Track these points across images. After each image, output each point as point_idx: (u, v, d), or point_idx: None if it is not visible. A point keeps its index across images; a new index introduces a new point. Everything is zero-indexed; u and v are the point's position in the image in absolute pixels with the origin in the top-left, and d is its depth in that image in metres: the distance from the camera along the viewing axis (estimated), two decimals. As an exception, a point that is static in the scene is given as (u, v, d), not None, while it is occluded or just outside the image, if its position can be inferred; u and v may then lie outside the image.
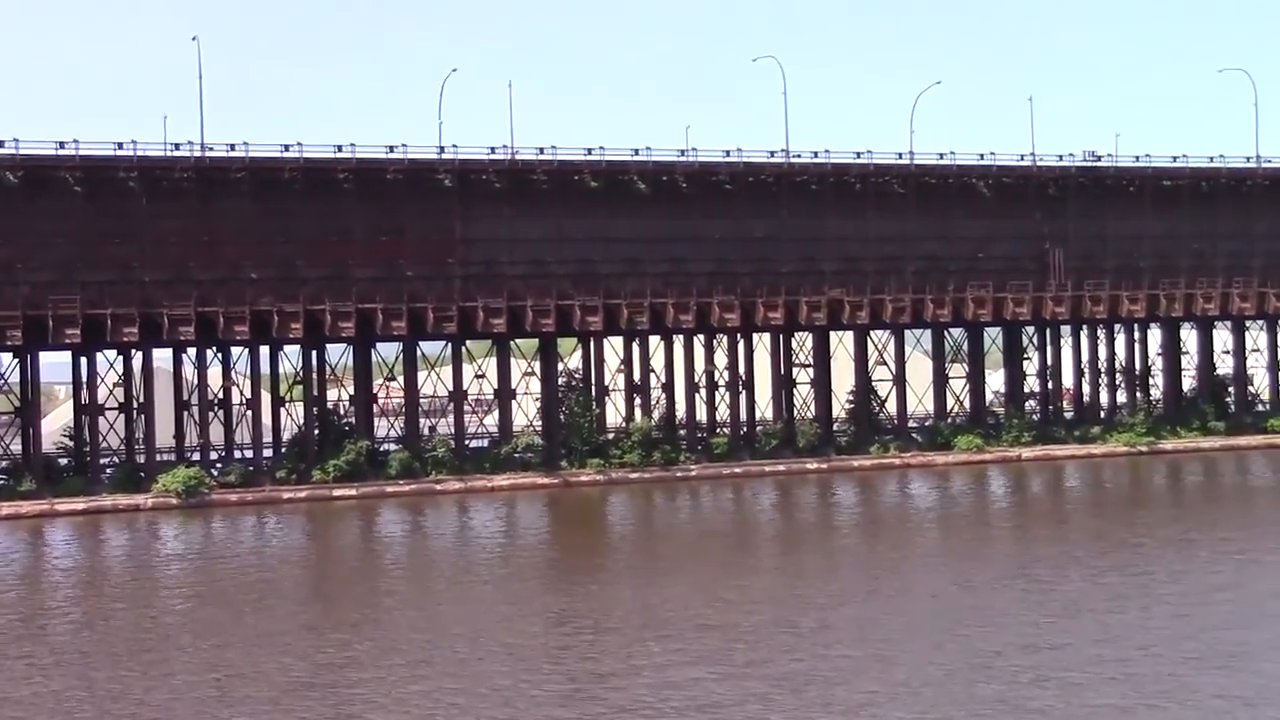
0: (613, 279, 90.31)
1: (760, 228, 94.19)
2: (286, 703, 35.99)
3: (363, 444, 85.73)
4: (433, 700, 35.85)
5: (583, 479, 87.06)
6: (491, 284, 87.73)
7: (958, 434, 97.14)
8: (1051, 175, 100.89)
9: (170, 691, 37.57)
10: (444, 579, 55.77)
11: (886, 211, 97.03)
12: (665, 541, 66.57)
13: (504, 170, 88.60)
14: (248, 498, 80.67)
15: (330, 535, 70.31)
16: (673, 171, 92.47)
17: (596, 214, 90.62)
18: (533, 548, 64.96)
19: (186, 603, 51.64)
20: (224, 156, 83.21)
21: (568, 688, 36.75)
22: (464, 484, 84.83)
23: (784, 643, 41.03)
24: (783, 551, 61.81)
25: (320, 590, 54.99)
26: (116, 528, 72.49)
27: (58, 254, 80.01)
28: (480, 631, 43.81)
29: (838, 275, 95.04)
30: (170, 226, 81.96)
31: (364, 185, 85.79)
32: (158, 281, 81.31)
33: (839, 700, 34.74)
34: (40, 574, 61.27)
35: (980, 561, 55.39)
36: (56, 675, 39.80)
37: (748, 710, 34.08)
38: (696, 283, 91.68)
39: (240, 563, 61.76)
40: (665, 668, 38.38)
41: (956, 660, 38.39)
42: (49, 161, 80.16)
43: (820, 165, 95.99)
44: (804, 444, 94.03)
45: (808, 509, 76.43)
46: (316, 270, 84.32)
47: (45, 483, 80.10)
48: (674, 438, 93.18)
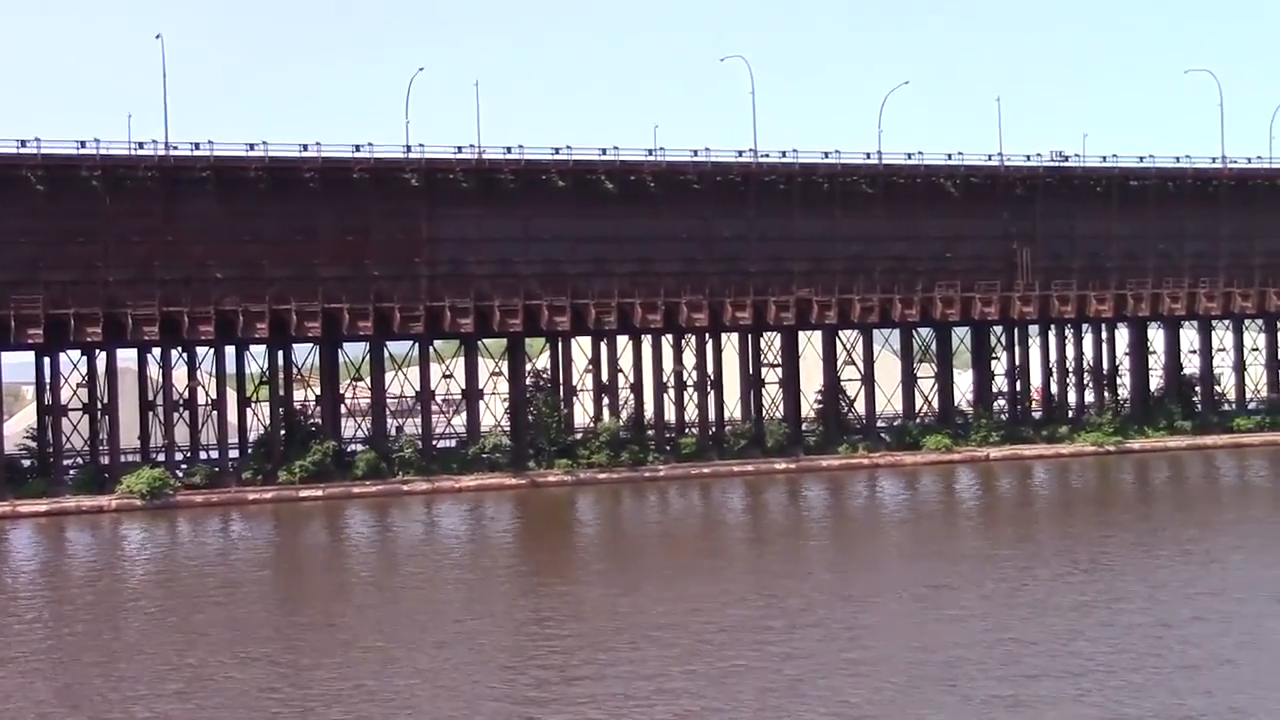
0: (580, 279, 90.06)
1: (728, 227, 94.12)
2: (246, 705, 35.66)
3: (329, 444, 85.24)
4: (390, 704, 35.56)
5: (550, 479, 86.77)
6: (459, 284, 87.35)
7: (926, 434, 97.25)
8: (1019, 175, 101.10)
9: (130, 695, 37.19)
10: (411, 581, 55.38)
11: (854, 211, 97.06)
12: (633, 543, 66.38)
13: (471, 170, 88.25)
14: (213, 499, 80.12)
15: (297, 537, 69.88)
16: (640, 171, 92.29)
17: (564, 214, 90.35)
18: (500, 549, 64.65)
19: (150, 605, 51.18)
20: (188, 155, 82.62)
21: (530, 692, 36.50)
22: (431, 484, 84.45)
23: (751, 644, 40.87)
24: (751, 553, 61.63)
25: (285, 593, 54.56)
26: (79, 529, 71.87)
27: (20, 253, 79.30)
28: (443, 634, 43.52)
29: (806, 275, 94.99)
30: (134, 226, 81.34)
31: (330, 184, 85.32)
32: (121, 281, 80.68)
33: (815, 700, 34.62)
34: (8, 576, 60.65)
35: (947, 561, 55.32)
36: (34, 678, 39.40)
37: (715, 713, 33.93)
38: (664, 283, 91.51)
39: (205, 565, 61.26)
40: (632, 670, 38.15)
41: (926, 664, 38.30)
42: (11, 160, 79.37)
43: (788, 165, 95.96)
44: (772, 444, 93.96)
45: (776, 510, 76.34)
46: (282, 270, 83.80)
47: (7, 484, 79.35)
48: (642, 438, 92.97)
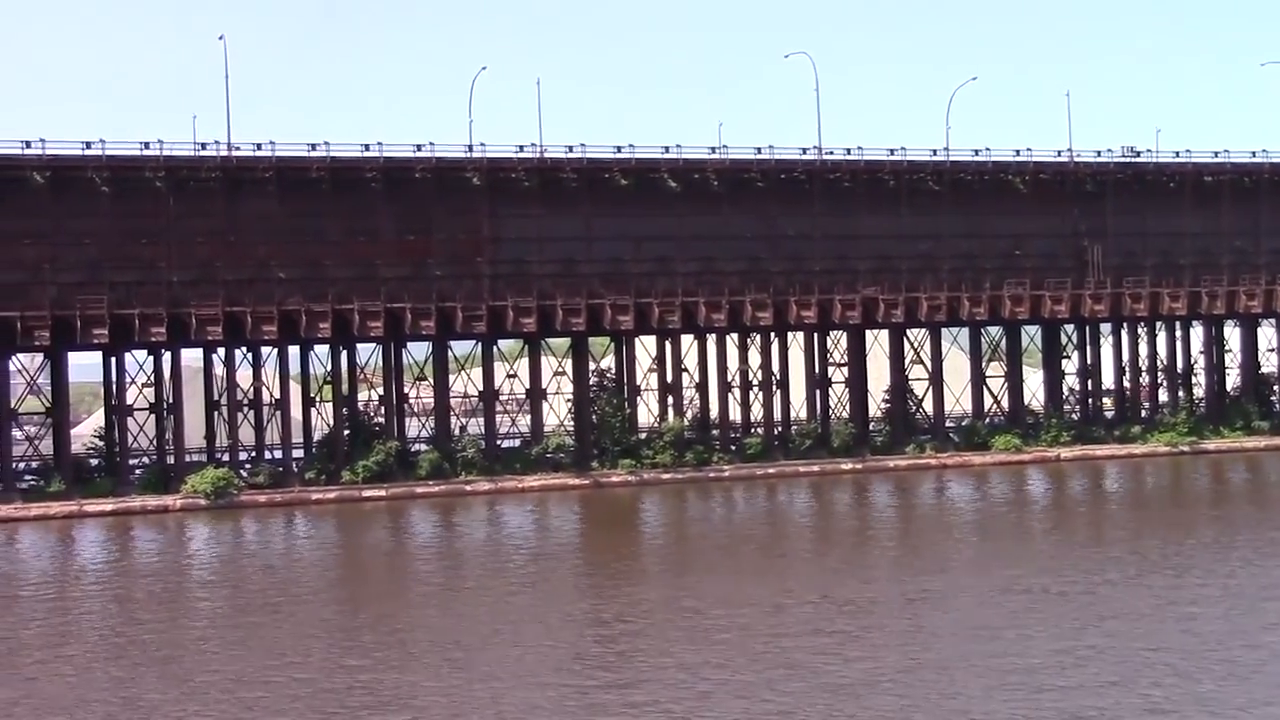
0: (643, 278, 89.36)
1: (793, 225, 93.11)
2: (308, 705, 35.18)
3: (392, 445, 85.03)
4: (457, 703, 34.94)
5: (614, 480, 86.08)
6: (521, 283, 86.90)
7: (995, 434, 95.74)
8: (1089, 171, 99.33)
9: (189, 697, 36.81)
10: (475, 581, 54.77)
11: (921, 209, 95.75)
12: (698, 544, 65.44)
13: (533, 168, 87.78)
14: (276, 498, 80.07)
15: (362, 537, 69.47)
16: (704, 169, 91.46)
17: (627, 212, 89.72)
18: (564, 550, 63.87)
19: (214, 605, 50.95)
20: (251, 156, 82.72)
21: (597, 695, 35.75)
22: (494, 485, 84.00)
23: (816, 647, 39.94)
24: (819, 554, 60.53)
25: (351, 593, 54.09)
26: (145, 529, 71.90)
27: (85, 254, 79.72)
28: (508, 635, 42.86)
29: (872, 273, 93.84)
30: (197, 226, 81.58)
31: (392, 184, 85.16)
32: (185, 281, 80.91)
33: (873, 707, 33.66)
34: (66, 574, 60.67)
35: (1020, 565, 54.03)
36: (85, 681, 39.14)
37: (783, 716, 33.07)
38: (728, 281, 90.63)
39: (270, 564, 61.05)
40: (693, 673, 37.33)
41: (1001, 672, 37.21)
42: (76, 162, 79.87)
43: (853, 162, 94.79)
44: (838, 444, 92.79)
45: (844, 510, 75.18)
46: (344, 270, 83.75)
47: (75, 484, 79.72)
48: (707, 438, 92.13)
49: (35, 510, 76.49)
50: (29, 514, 76.17)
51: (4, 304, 77.51)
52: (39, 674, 39.90)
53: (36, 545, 68.15)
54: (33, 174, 78.95)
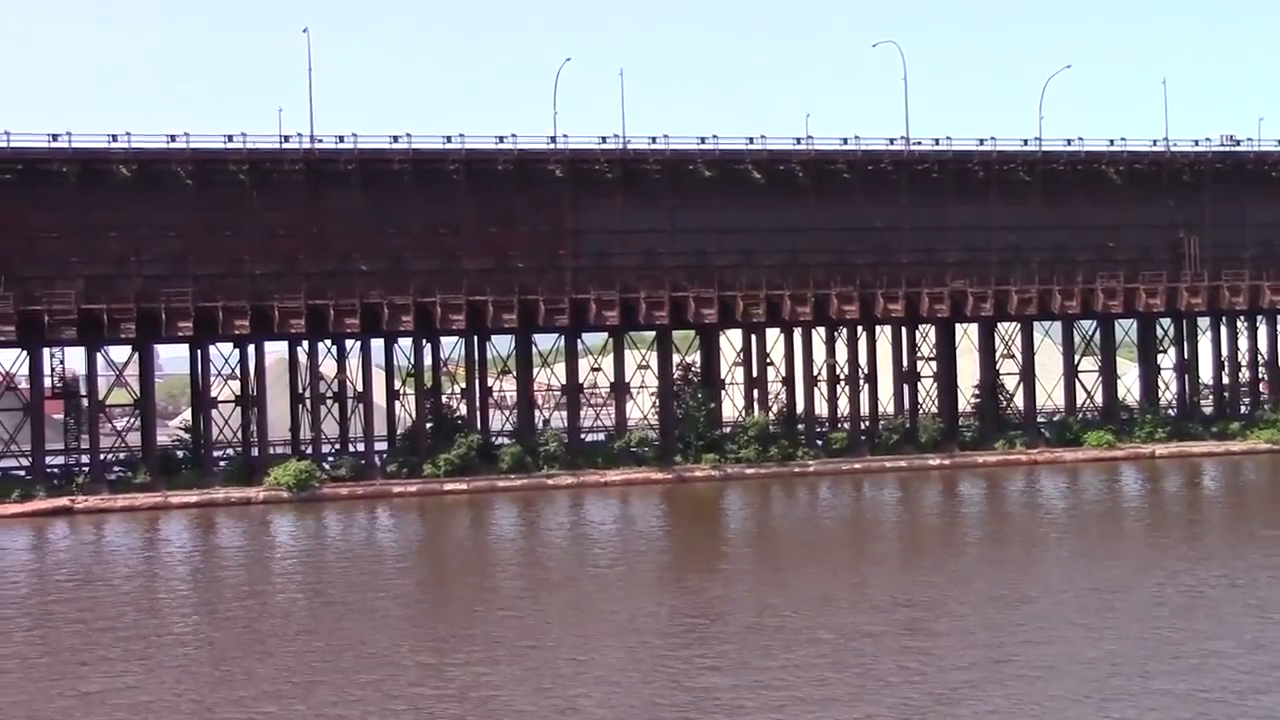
0: (728, 270, 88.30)
1: (879, 217, 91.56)
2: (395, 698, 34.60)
3: (473, 438, 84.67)
4: (540, 702, 34.17)
5: (697, 474, 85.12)
6: (604, 276, 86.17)
7: (1088, 430, 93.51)
8: (1186, 161, 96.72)
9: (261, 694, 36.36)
10: (559, 576, 54.00)
11: (1011, 200, 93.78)
12: (784, 540, 64.19)
13: (615, 160, 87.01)
14: (358, 491, 79.98)
15: (446, 530, 69.06)
16: (789, 160, 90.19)
17: (711, 204, 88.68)
18: (648, 545, 62.85)
19: (301, 596, 50.66)
20: (333, 149, 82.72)
21: (684, 696, 34.84)
22: (576, 479, 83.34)
23: (902, 648, 38.73)
24: (907, 551, 59.09)
25: (433, 587, 53.52)
26: (228, 520, 71.99)
27: (169, 247, 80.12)
28: (593, 632, 42.06)
29: (961, 266, 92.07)
30: (280, 219, 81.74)
31: (474, 176, 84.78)
32: (268, 274, 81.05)
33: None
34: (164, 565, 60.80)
35: (1113, 562, 52.35)
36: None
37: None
38: (814, 274, 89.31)
39: (353, 557, 60.74)
40: (781, 675, 36.26)
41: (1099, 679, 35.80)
42: (160, 155, 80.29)
43: (941, 153, 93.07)
44: (926, 439, 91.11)
45: (932, 506, 73.61)
46: (426, 262, 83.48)
47: (161, 475, 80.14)
48: (792, 433, 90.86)
49: (121, 501, 76.97)
50: (115, 505, 76.65)
51: (91, 297, 78.05)
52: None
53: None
54: (119, 167, 79.51)
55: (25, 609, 49.31)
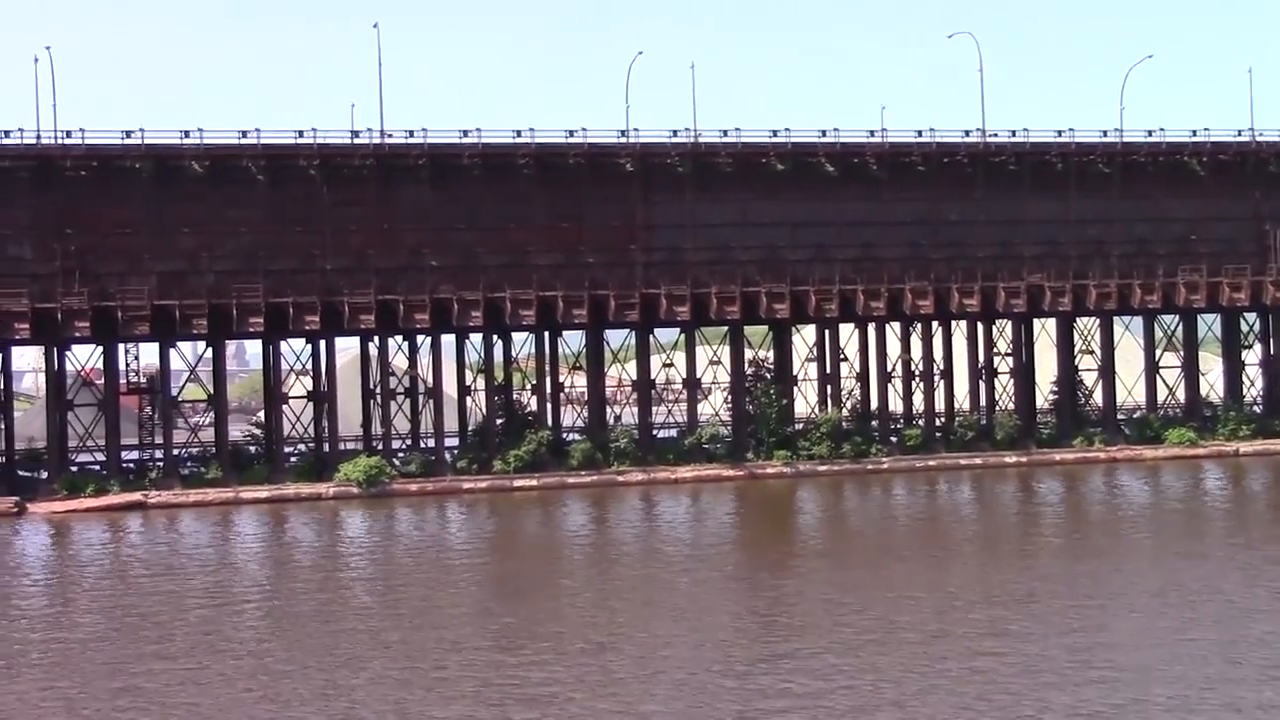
0: (800, 265, 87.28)
1: (955, 210, 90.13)
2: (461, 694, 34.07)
3: (544, 434, 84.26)
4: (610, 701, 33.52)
5: (769, 471, 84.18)
6: (675, 271, 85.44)
7: (1169, 427, 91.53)
8: (1273, 151, 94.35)
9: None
10: (631, 574, 53.37)
11: (1090, 192, 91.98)
12: (859, 538, 63.10)
13: (687, 154, 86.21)
14: (428, 487, 79.77)
15: (514, 526, 68.58)
16: (862, 153, 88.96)
17: (783, 198, 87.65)
18: (721, 543, 61.95)
19: (372, 595, 50.41)
20: (403, 143, 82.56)
21: (758, 702, 34.04)
22: (647, 475, 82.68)
23: (975, 650, 37.70)
24: (985, 550, 57.83)
25: (503, 584, 53.02)
26: (298, 515, 71.98)
27: (241, 242, 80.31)
28: (665, 632, 41.35)
29: (1038, 260, 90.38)
30: (351, 214, 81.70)
31: (544, 170, 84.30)
32: (339, 269, 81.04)
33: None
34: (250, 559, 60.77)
35: (1198, 563, 50.91)
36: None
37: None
38: (888, 268, 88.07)
39: (425, 553, 60.41)
40: (859, 679, 35.39)
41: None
42: (232, 150, 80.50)
43: (1018, 145, 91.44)
44: (1002, 436, 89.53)
45: (1008, 504, 72.23)
46: (497, 257, 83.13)
47: (233, 470, 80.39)
48: (865, 429, 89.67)
49: (193, 496, 77.24)
50: (187, 500, 76.94)
51: (164, 293, 78.39)
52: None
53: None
54: (191, 164, 79.78)
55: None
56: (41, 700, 35.27)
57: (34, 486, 79.32)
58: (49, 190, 78.62)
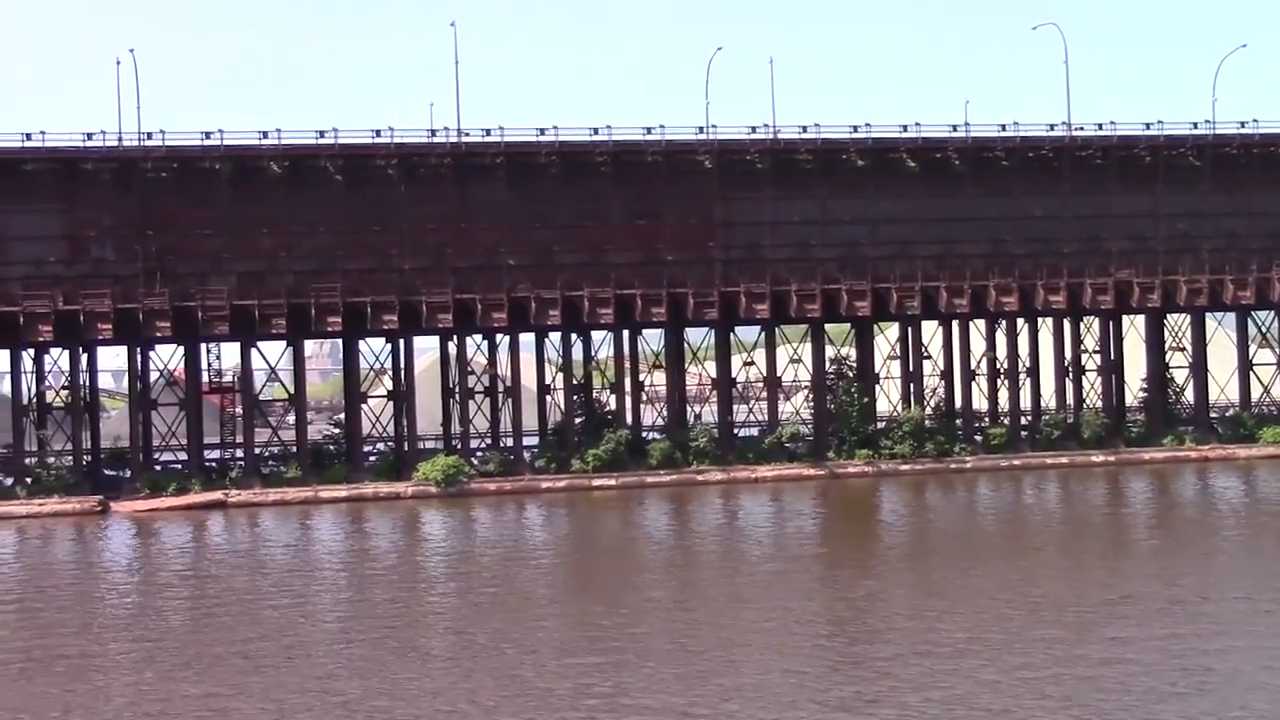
0: (881, 262, 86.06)
1: (1039, 206, 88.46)
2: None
3: (622, 433, 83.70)
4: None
5: (850, 470, 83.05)
6: (754, 268, 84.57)
7: (1264, 425, 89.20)
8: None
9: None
10: (722, 575, 52.61)
11: (1180, 186, 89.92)
12: (944, 539, 61.84)
13: (765, 150, 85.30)
14: (506, 486, 79.49)
15: (591, 527, 68.07)
16: (944, 148, 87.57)
17: (863, 194, 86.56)
18: (804, 543, 60.88)
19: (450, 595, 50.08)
20: (480, 142, 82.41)
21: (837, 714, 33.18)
22: (727, 475, 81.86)
23: (1069, 656, 36.52)
24: (1072, 550, 56.36)
25: (576, 584, 52.49)
26: (380, 514, 71.82)
27: (319, 242, 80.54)
28: (744, 634, 40.55)
29: (1126, 255, 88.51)
30: (428, 213, 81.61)
31: (621, 168, 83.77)
32: (416, 268, 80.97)
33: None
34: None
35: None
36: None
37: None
38: (971, 265, 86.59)
39: (510, 553, 59.99)
40: (946, 684, 34.38)
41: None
42: (310, 150, 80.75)
43: (1105, 138, 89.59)
44: (1089, 435, 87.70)
45: (1096, 503, 70.58)
46: (574, 256, 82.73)
47: (312, 470, 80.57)
48: (949, 428, 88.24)
49: (273, 495, 77.48)
50: (267, 499, 77.18)
51: (243, 293, 78.74)
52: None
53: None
54: (270, 164, 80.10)
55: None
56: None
57: (118, 485, 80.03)
58: (130, 192, 79.33)
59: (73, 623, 45.42)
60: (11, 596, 51.65)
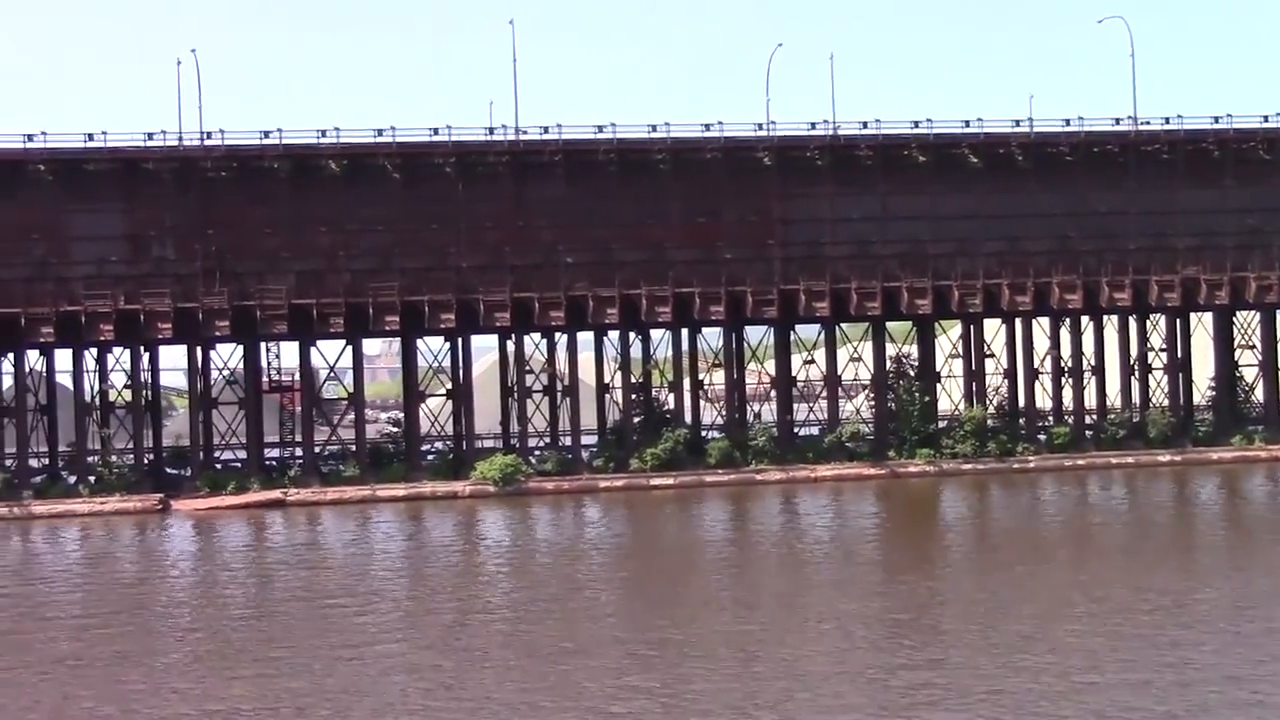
0: (943, 259, 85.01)
1: (1104, 202, 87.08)
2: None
3: (680, 432, 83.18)
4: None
5: (911, 470, 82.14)
6: (813, 266, 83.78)
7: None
8: None
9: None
10: (773, 576, 52.02)
11: (1249, 180, 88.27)
12: (1008, 541, 60.76)
13: (825, 146, 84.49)
14: (564, 486, 79.17)
15: (652, 526, 67.59)
16: (1007, 143, 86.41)
17: (925, 191, 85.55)
18: (866, 544, 60.01)
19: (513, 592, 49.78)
20: (538, 140, 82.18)
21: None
22: (786, 474, 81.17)
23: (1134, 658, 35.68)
24: (1136, 550, 55.27)
25: (643, 585, 52.04)
26: (440, 514, 71.59)
27: (377, 241, 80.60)
28: (804, 636, 39.99)
29: (1193, 252, 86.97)
30: (485, 211, 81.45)
31: (680, 165, 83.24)
32: (474, 267, 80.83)
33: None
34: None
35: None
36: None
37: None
38: (1034, 262, 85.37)
39: (571, 552, 59.68)
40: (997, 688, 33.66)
41: None
42: (368, 149, 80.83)
43: (1172, 133, 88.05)
44: (1155, 435, 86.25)
45: (1163, 504, 69.33)
46: (632, 253, 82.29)
47: (371, 468, 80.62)
48: (1011, 427, 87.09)
49: (331, 494, 77.60)
50: (325, 497, 77.30)
51: (302, 291, 78.88)
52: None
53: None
54: (328, 162, 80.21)
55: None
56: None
57: (179, 484, 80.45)
58: (190, 191, 79.71)
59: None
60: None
